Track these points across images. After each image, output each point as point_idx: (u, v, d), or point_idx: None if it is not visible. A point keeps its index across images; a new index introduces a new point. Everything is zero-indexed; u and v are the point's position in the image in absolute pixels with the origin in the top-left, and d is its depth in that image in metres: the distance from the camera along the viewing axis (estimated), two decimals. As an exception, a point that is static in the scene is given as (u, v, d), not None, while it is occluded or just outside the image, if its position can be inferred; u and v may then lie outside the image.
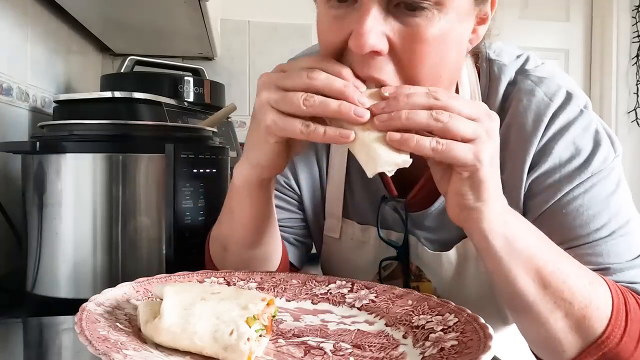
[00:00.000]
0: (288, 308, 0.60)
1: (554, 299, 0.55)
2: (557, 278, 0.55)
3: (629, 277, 0.61)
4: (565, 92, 0.64)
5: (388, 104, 0.50)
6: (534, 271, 0.54)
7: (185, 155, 0.80)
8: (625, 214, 0.63)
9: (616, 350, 0.56)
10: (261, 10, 1.93)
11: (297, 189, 0.80)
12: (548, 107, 0.63)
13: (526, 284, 0.55)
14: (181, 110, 1.27)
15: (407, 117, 0.49)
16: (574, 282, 0.55)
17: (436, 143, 0.49)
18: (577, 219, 0.62)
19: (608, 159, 0.63)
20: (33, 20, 1.17)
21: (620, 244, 0.62)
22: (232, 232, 0.68)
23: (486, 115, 0.52)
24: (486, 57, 0.69)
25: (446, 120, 0.49)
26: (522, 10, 2.49)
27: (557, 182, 0.63)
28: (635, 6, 2.48)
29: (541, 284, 0.54)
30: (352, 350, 0.49)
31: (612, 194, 0.62)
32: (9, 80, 1.05)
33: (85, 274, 0.78)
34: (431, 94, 0.50)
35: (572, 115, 0.63)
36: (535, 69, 0.67)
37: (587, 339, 0.56)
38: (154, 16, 1.38)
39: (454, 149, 0.49)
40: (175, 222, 0.80)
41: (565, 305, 0.55)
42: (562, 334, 0.56)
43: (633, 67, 2.50)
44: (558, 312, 0.55)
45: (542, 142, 0.63)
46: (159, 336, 0.46)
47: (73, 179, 0.79)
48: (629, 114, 2.49)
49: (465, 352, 0.44)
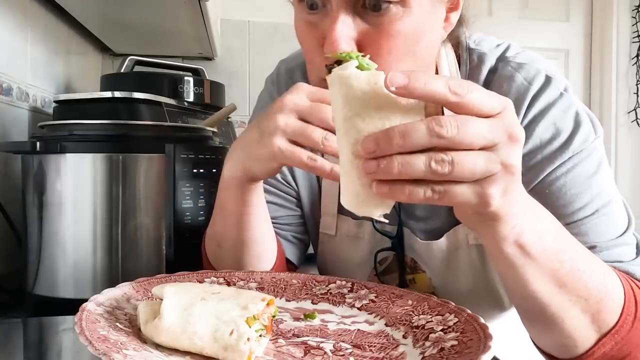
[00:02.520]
0: (288, 308, 0.60)
1: (570, 297, 0.52)
2: (573, 276, 0.52)
3: (615, 256, 0.62)
4: (544, 76, 0.65)
5: (379, 145, 0.39)
6: (549, 274, 0.51)
7: (185, 155, 0.81)
8: (607, 194, 0.63)
9: (628, 337, 0.55)
10: (261, 10, 1.93)
11: (294, 185, 0.81)
12: (528, 91, 0.64)
13: (540, 286, 0.51)
14: (181, 110, 1.27)
15: (399, 170, 0.39)
16: (589, 278, 0.53)
17: (431, 192, 0.40)
18: (560, 199, 0.62)
19: (589, 139, 0.63)
20: (33, 20, 1.17)
21: (604, 222, 0.62)
22: (225, 229, 0.69)
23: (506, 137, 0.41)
24: (466, 47, 0.71)
25: (448, 170, 0.39)
26: (522, 10, 2.49)
27: (539, 163, 0.64)
28: (635, 6, 2.48)
29: (557, 284, 0.51)
30: (352, 350, 0.49)
31: (594, 174, 0.63)
32: (9, 80, 1.05)
33: (85, 274, 0.78)
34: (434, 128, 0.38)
35: (552, 97, 0.64)
36: (515, 56, 0.68)
37: (601, 330, 0.55)
38: (154, 16, 1.38)
39: (452, 195, 0.41)
40: (175, 222, 0.80)
41: (581, 302, 0.53)
42: (577, 331, 0.54)
43: (633, 67, 2.50)
44: (574, 310, 0.53)
45: (523, 124, 0.64)
46: (159, 336, 0.46)
47: (73, 179, 0.79)
48: (629, 114, 2.49)
49: (465, 352, 0.44)
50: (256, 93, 0.91)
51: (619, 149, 2.46)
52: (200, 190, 0.83)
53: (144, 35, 1.58)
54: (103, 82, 1.49)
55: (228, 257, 0.70)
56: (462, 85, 0.39)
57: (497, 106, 0.41)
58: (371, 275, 0.78)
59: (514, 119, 0.42)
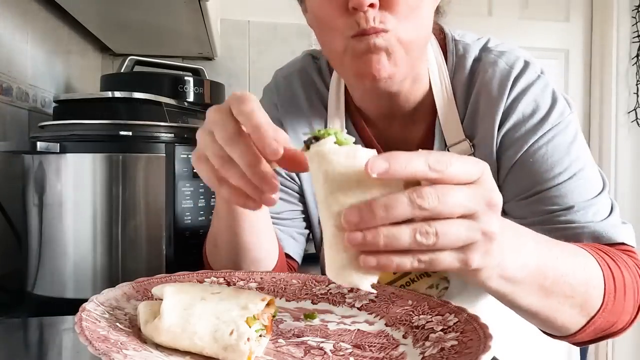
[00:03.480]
0: (288, 308, 0.60)
1: (558, 300, 0.57)
2: (558, 283, 0.56)
3: (590, 215, 0.69)
4: (523, 61, 0.75)
5: (362, 218, 0.40)
6: (536, 289, 0.54)
7: (185, 155, 0.81)
8: (583, 160, 0.72)
9: (613, 310, 0.62)
10: (261, 10, 1.93)
11: (297, 180, 0.81)
12: (510, 74, 0.74)
13: (530, 301, 0.55)
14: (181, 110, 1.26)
15: (385, 243, 0.40)
16: (573, 279, 0.57)
17: (418, 263, 0.41)
18: (542, 166, 0.71)
19: (564, 113, 0.73)
20: (33, 20, 1.17)
21: (581, 185, 0.71)
22: (220, 232, 0.69)
23: (485, 205, 0.43)
24: (452, 38, 0.80)
25: (433, 242, 0.40)
26: (522, 10, 2.49)
27: (524, 135, 0.73)
28: (635, 6, 2.48)
29: (544, 295, 0.55)
30: (352, 350, 0.49)
31: (571, 144, 0.72)
32: (9, 80, 1.05)
33: (85, 274, 0.78)
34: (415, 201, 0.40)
35: (531, 78, 0.74)
36: (496, 46, 0.78)
37: (589, 315, 0.61)
38: (154, 16, 1.38)
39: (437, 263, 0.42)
40: (175, 222, 0.80)
41: (569, 300, 0.58)
42: (569, 321, 0.60)
43: (633, 67, 2.50)
44: (563, 308, 0.58)
45: (508, 102, 0.73)
46: (159, 336, 0.46)
47: (73, 179, 0.79)
48: (629, 114, 2.49)
49: (465, 352, 0.44)
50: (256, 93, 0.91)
51: (619, 149, 2.46)
52: (200, 190, 0.83)
53: (144, 35, 1.58)
54: (103, 82, 1.49)
55: (224, 259, 0.70)
56: (441, 161, 0.40)
57: (475, 173, 0.42)
58: None
59: (491, 185, 0.44)
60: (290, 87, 0.86)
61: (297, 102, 0.85)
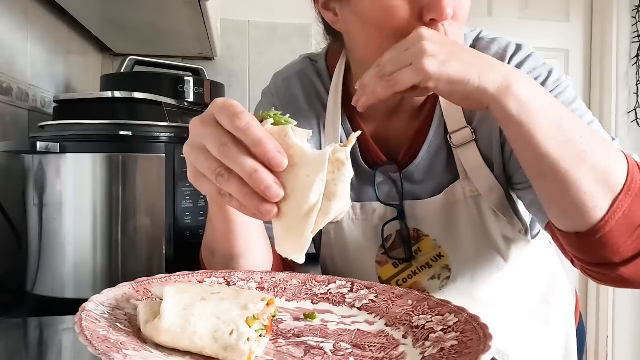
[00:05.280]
0: (288, 308, 0.60)
1: (577, 152, 0.57)
2: (576, 133, 0.57)
3: None
4: (515, 44, 0.78)
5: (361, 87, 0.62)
6: (554, 129, 0.57)
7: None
8: (590, 116, 0.73)
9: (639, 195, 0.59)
10: (261, 10, 1.92)
11: None
12: (504, 56, 0.76)
13: (548, 143, 0.57)
14: (181, 110, 1.26)
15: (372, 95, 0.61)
16: (591, 136, 0.59)
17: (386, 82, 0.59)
18: None
19: (561, 78, 0.75)
20: (33, 20, 1.17)
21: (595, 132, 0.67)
22: (214, 241, 0.69)
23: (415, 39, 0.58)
24: None
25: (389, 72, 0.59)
26: (522, 10, 2.49)
27: None
28: (635, 6, 2.48)
29: (562, 139, 0.57)
30: (352, 350, 0.49)
31: (574, 101, 0.73)
32: (9, 80, 1.05)
33: (85, 274, 0.78)
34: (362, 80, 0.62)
35: (525, 56, 0.76)
36: (488, 35, 0.81)
37: (613, 189, 0.58)
38: (154, 16, 1.38)
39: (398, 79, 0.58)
40: (175, 222, 0.80)
41: (588, 157, 0.57)
42: (592, 187, 0.58)
43: (633, 67, 2.50)
44: (583, 165, 0.57)
45: None
46: (159, 336, 0.46)
47: (73, 179, 0.79)
48: (629, 114, 2.50)
49: (465, 352, 0.44)
50: (256, 93, 0.91)
51: (619, 149, 2.46)
52: (200, 190, 0.83)
53: (144, 35, 1.58)
54: (103, 82, 1.49)
55: (221, 266, 0.70)
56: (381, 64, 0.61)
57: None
58: (379, 255, 0.81)
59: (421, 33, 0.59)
60: (289, 89, 0.86)
61: (297, 104, 0.85)
